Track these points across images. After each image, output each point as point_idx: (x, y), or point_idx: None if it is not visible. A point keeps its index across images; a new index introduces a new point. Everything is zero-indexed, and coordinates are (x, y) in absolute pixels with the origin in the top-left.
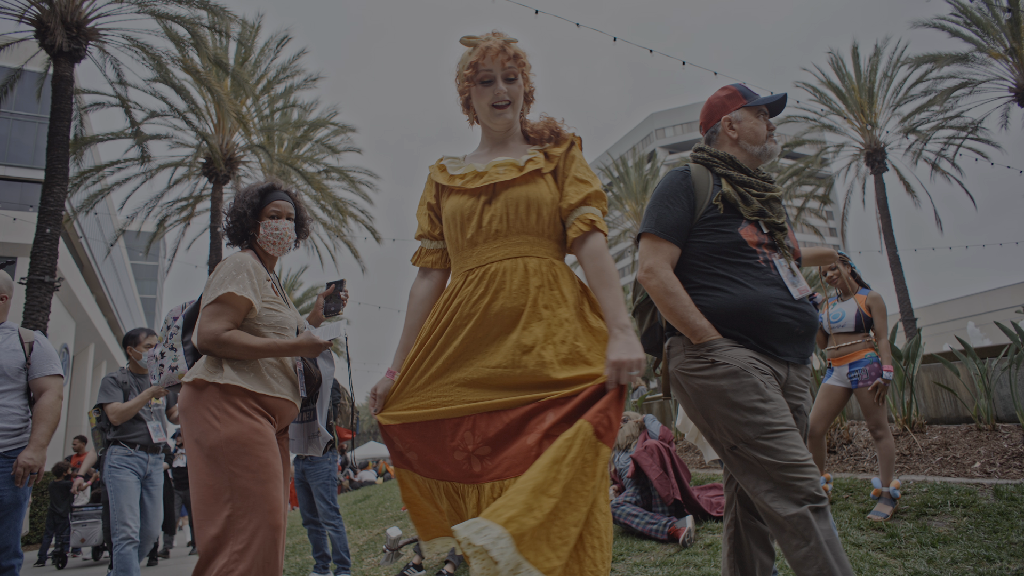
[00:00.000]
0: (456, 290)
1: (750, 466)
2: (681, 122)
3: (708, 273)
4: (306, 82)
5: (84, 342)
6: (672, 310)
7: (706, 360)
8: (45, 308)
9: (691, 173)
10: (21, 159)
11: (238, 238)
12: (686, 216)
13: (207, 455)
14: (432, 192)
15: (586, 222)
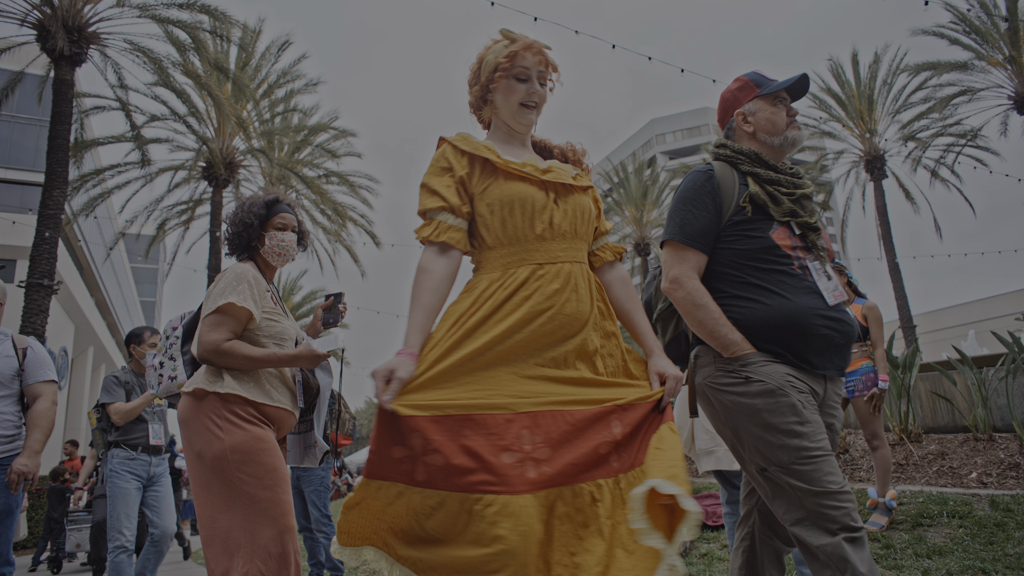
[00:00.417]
0: (524, 281)
1: (781, 490)
2: (682, 128)
3: (739, 282)
4: (307, 86)
5: (83, 345)
6: (701, 323)
7: (739, 376)
8: (44, 311)
9: (715, 173)
10: (22, 162)
11: (240, 248)
12: (712, 220)
13: (211, 466)
14: (466, 166)
15: (618, 252)
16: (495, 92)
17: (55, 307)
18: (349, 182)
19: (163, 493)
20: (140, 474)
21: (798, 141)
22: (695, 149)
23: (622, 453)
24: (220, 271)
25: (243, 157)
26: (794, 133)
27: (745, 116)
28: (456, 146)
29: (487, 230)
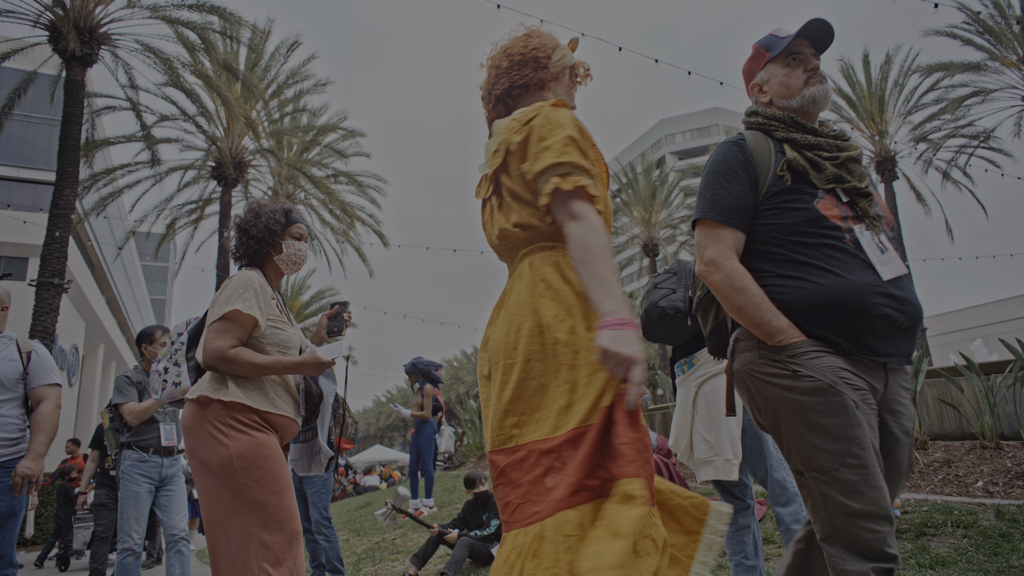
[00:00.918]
0: None
1: (815, 499)
2: (691, 128)
3: (783, 260)
4: (316, 87)
5: (94, 342)
6: (741, 309)
7: (786, 368)
8: (54, 310)
9: (747, 142)
10: (35, 160)
11: (251, 255)
12: (747, 194)
13: (216, 473)
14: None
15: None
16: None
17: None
18: (357, 182)
19: (175, 494)
20: (152, 476)
21: (819, 97)
22: (704, 149)
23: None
24: (228, 271)
25: (252, 157)
26: (813, 89)
27: (760, 87)
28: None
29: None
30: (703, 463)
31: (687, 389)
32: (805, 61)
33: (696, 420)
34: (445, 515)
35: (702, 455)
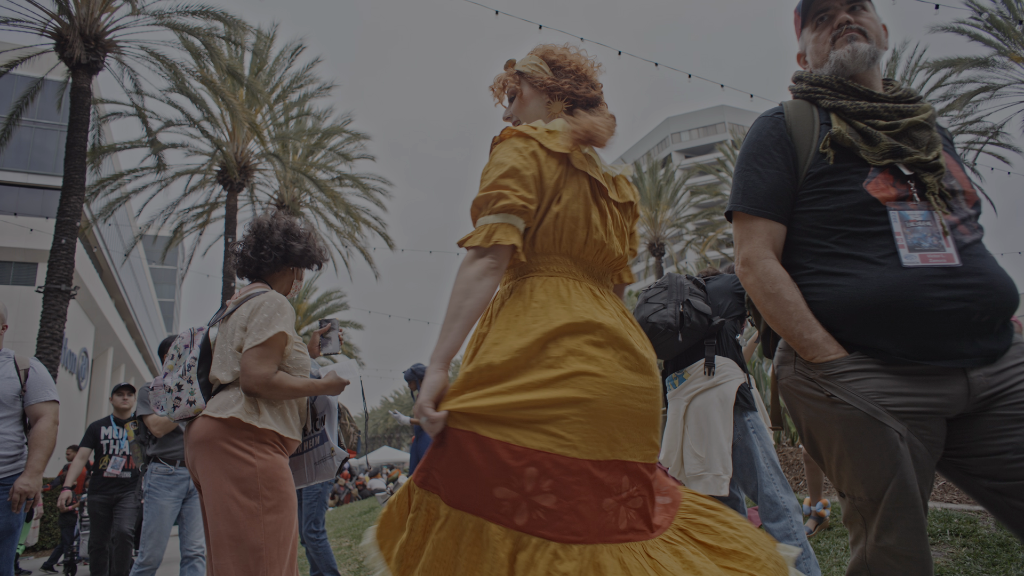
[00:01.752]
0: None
1: (852, 519)
2: (698, 126)
3: (824, 253)
4: (320, 90)
5: (103, 346)
6: (773, 318)
7: (821, 390)
8: (62, 316)
9: (785, 115)
10: (43, 166)
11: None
12: (784, 178)
13: (238, 489)
14: None
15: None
16: None
17: (75, 309)
18: (363, 184)
19: (196, 509)
20: (179, 489)
21: (846, 61)
22: (711, 148)
23: None
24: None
25: (258, 161)
26: (838, 52)
27: (802, 58)
28: None
29: None
30: (694, 478)
31: (678, 403)
32: (833, 18)
33: (687, 435)
34: None
35: (693, 470)
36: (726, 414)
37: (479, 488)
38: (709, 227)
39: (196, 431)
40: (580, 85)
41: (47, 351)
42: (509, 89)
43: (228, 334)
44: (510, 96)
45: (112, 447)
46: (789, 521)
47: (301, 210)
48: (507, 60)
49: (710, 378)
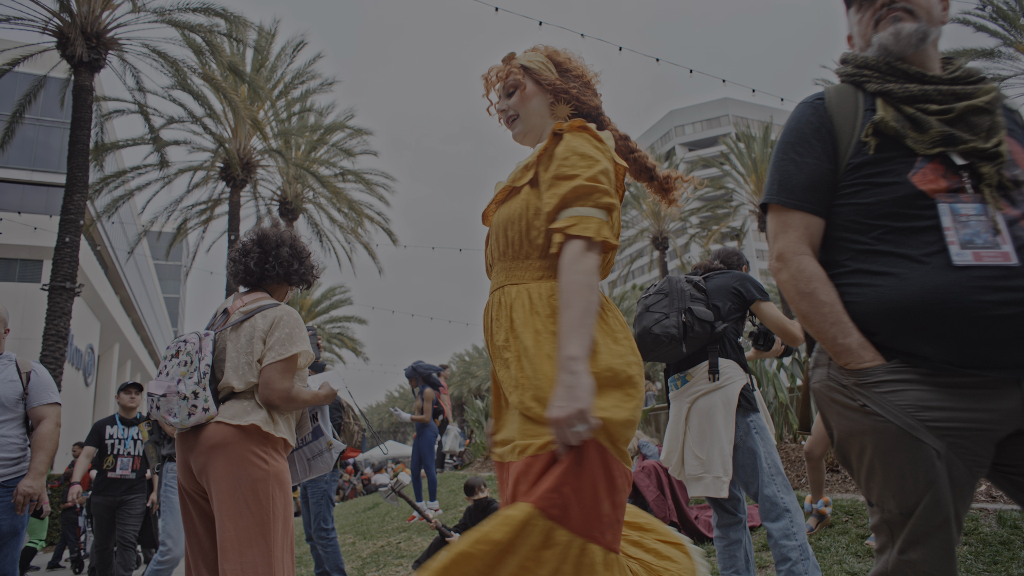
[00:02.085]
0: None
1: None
2: (701, 119)
3: (864, 250)
4: (322, 86)
5: (109, 342)
6: (807, 318)
7: (854, 399)
8: (67, 314)
9: (826, 101)
10: (48, 163)
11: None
12: (823, 168)
13: (253, 492)
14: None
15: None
16: None
17: (80, 305)
18: (365, 180)
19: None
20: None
21: (889, 44)
22: (714, 140)
23: None
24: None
25: (260, 157)
26: (882, 35)
27: (851, 39)
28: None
29: None
30: (693, 479)
31: (680, 404)
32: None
33: (688, 436)
34: (451, 517)
35: (693, 471)
36: (728, 416)
37: (594, 506)
38: (713, 220)
39: (211, 436)
40: (586, 92)
41: (52, 348)
42: (512, 81)
43: (242, 343)
44: (510, 89)
45: (117, 447)
46: (789, 521)
47: (304, 206)
48: (507, 53)
49: (713, 381)
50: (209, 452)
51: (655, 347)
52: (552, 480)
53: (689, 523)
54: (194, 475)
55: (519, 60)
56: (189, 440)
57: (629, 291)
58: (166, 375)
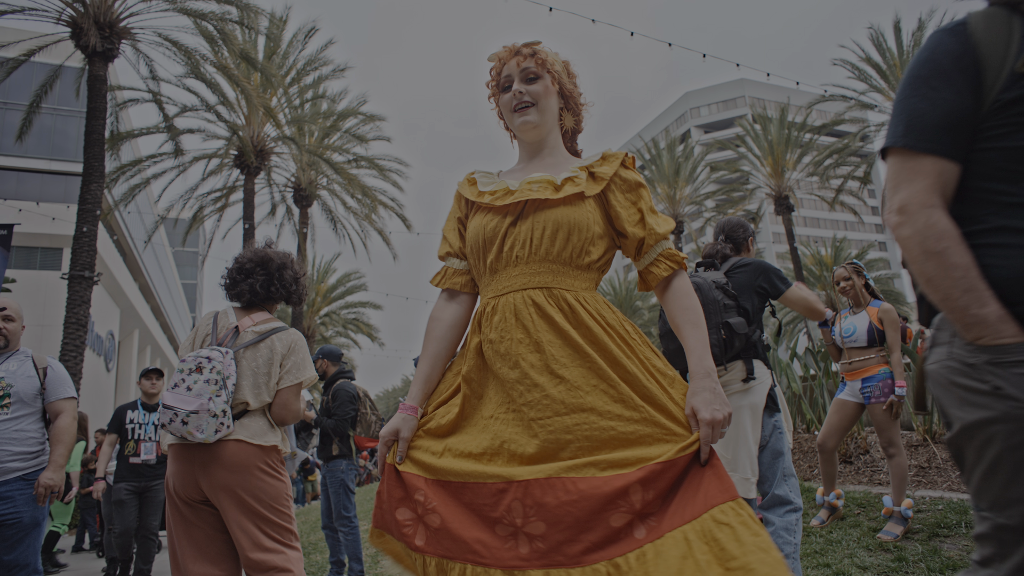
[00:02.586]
0: (478, 320)
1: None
2: (717, 100)
3: (1011, 204)
4: (334, 72)
5: (129, 328)
6: (932, 283)
7: (984, 381)
8: (86, 302)
9: (969, 27)
10: (66, 152)
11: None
12: (964, 104)
13: (274, 502)
14: (461, 208)
15: (676, 260)
16: (501, 114)
17: (100, 292)
18: (378, 166)
19: None
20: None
21: None
22: (730, 122)
23: (649, 521)
24: None
25: (274, 144)
26: None
27: None
28: (457, 190)
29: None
30: None
31: None
32: None
33: None
34: None
35: None
36: (756, 417)
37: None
38: (728, 204)
39: (235, 455)
40: (582, 112)
41: (73, 336)
42: (535, 69)
43: (260, 364)
44: (531, 75)
45: (138, 432)
46: (795, 520)
47: (318, 192)
48: (532, 41)
49: (742, 383)
50: (233, 470)
51: (680, 354)
52: (723, 473)
53: None
54: (195, 485)
55: (546, 54)
56: (201, 454)
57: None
58: (187, 390)
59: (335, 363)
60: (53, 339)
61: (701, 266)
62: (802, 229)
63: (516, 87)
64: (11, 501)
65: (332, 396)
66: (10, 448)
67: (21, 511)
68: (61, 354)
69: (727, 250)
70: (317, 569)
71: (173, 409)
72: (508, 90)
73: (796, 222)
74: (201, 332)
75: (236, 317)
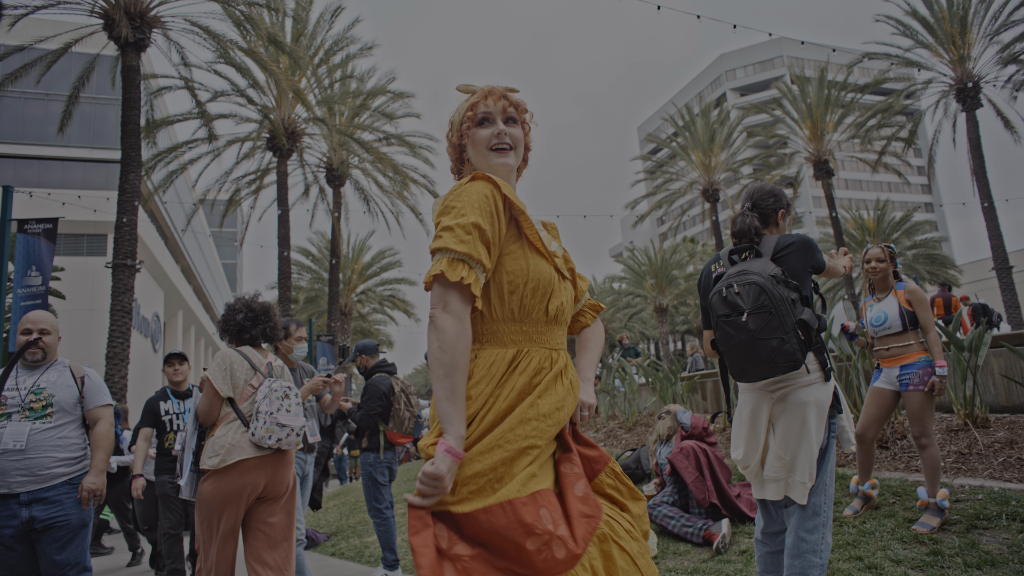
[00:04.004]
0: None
1: None
2: (753, 62)
3: None
4: (362, 51)
5: (173, 310)
6: None
7: None
8: (129, 290)
9: None
10: (106, 139)
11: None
12: None
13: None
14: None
15: (597, 309)
16: (467, 148)
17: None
18: (408, 143)
19: (304, 490)
20: (297, 471)
21: None
22: (767, 84)
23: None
24: (289, 243)
25: (305, 126)
26: None
27: None
28: (495, 186)
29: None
30: (771, 480)
31: (758, 398)
32: None
33: (775, 435)
34: None
35: (773, 473)
36: (821, 417)
37: None
38: (766, 170)
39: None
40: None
41: (119, 323)
42: (515, 115)
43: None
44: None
45: (176, 422)
46: (821, 537)
47: (350, 172)
48: (511, 87)
49: (804, 376)
50: (289, 467)
51: (771, 372)
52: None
53: (730, 502)
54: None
55: (524, 103)
56: (276, 459)
57: (680, 243)
58: (287, 412)
59: (373, 356)
60: (101, 323)
61: (737, 253)
62: (843, 192)
63: (500, 128)
64: (59, 504)
65: (363, 390)
66: (55, 455)
67: (69, 513)
68: (109, 340)
69: (755, 221)
70: (355, 553)
71: (289, 427)
72: (484, 124)
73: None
74: (239, 368)
75: (261, 356)
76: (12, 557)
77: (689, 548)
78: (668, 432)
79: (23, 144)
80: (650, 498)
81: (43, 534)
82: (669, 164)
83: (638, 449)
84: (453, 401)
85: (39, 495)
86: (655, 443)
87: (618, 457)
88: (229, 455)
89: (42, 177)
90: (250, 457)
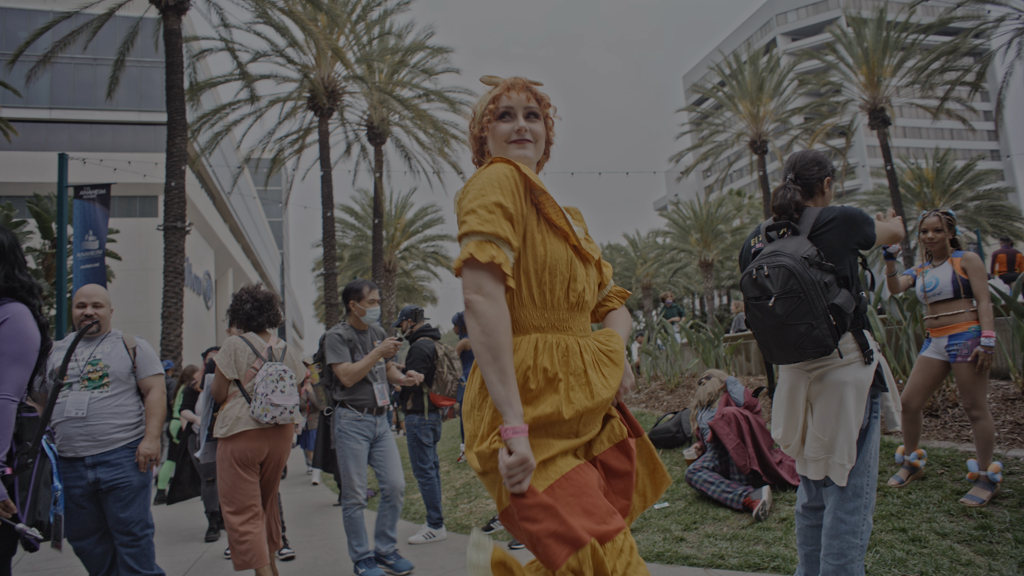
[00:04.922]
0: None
1: None
2: (806, 3)
3: None
4: (399, 6)
5: (223, 268)
6: None
7: None
8: (180, 251)
9: None
10: (153, 101)
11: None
12: None
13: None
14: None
15: (623, 296)
16: (488, 140)
17: (195, 236)
18: (448, 99)
19: (387, 449)
20: (367, 434)
21: None
22: (820, 28)
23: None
24: (332, 203)
25: (345, 84)
26: None
27: None
28: (517, 168)
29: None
30: (812, 460)
31: (795, 377)
32: None
33: (813, 415)
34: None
35: (812, 453)
36: (861, 397)
37: None
38: (818, 119)
39: (290, 431)
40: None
41: (172, 284)
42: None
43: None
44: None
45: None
46: (861, 519)
47: (390, 129)
48: (536, 81)
49: (839, 358)
50: (288, 439)
51: (800, 357)
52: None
53: (772, 469)
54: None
55: (548, 98)
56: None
57: (726, 196)
58: (281, 392)
59: (418, 320)
60: (156, 282)
61: (774, 230)
62: (899, 140)
63: (521, 123)
64: (120, 467)
65: (408, 353)
66: (114, 421)
67: (130, 475)
68: (163, 301)
69: (797, 195)
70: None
71: (282, 406)
72: (504, 119)
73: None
74: (242, 353)
75: (263, 340)
76: (83, 514)
77: (729, 514)
78: (709, 398)
79: (76, 109)
80: (690, 463)
81: (108, 494)
82: (715, 115)
83: (679, 412)
84: (505, 382)
85: (102, 458)
86: (696, 408)
87: (659, 420)
88: (235, 426)
89: (95, 140)
90: (252, 429)
